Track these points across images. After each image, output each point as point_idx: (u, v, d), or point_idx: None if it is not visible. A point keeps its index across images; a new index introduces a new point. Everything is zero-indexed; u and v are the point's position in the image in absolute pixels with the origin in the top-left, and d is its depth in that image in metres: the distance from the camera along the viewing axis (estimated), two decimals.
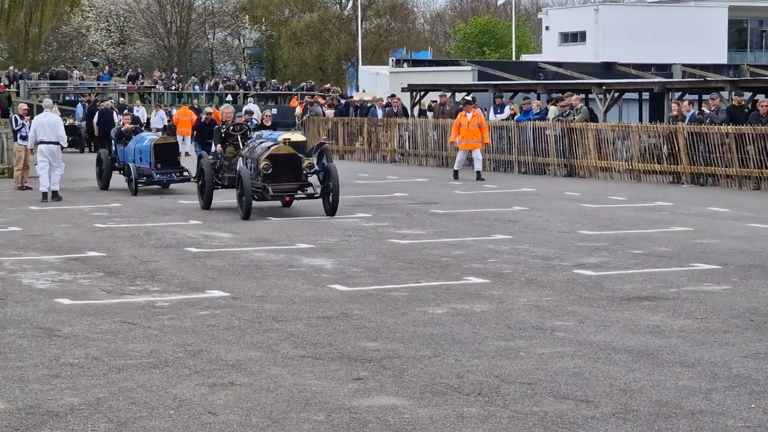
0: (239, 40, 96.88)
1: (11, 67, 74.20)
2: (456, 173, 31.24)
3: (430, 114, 40.76)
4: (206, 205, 22.48)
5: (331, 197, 21.33)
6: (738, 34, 79.58)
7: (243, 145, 22.35)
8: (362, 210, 22.34)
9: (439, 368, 9.39)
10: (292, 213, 21.62)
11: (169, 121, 53.00)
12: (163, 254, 16.25)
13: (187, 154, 37.24)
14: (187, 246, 17.18)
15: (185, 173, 26.94)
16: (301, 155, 21.89)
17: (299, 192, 21.47)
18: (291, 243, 17.55)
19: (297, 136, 28.72)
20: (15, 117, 29.41)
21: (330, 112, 44.36)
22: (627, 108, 43.04)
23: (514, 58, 74.76)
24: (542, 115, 33.89)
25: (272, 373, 9.23)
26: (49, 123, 25.23)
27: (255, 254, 16.32)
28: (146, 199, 24.90)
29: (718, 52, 67.84)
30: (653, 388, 8.69)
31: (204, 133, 29.63)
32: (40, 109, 29.98)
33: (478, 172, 30.69)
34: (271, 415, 8.02)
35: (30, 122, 26.63)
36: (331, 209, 21.20)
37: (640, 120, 39.19)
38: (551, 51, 70.92)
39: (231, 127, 23.12)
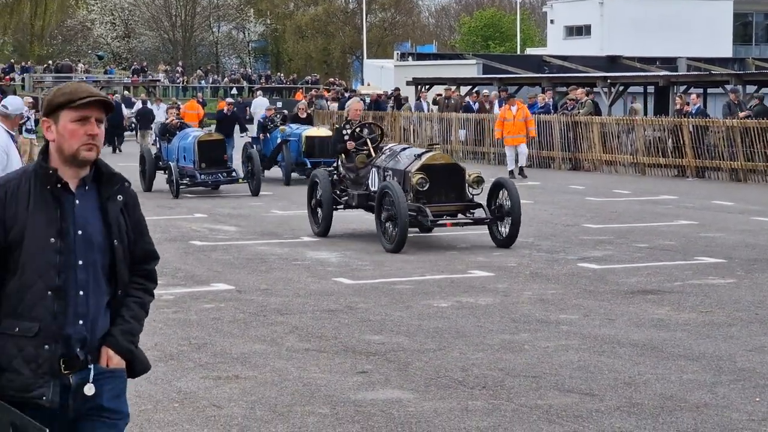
0: (244, 33, 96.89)
1: (11, 60, 74.17)
2: (512, 173, 28.31)
3: (434, 107, 40.74)
4: (324, 230, 17.39)
5: (508, 223, 16.19)
6: (743, 28, 79.47)
7: (375, 151, 17.42)
8: None
9: (444, 361, 9.39)
10: (296, 207, 21.59)
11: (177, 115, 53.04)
12: (167, 247, 16.24)
13: None
14: (192, 239, 17.19)
15: (233, 173, 24.64)
16: (462, 165, 17.05)
17: (461, 215, 16.40)
18: (296, 236, 17.56)
19: (323, 131, 27.80)
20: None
21: (334, 106, 44.36)
22: (632, 101, 42.95)
23: (518, 52, 74.71)
24: (547, 108, 33.84)
25: (277, 367, 9.23)
26: None
27: (260, 247, 16.32)
28: (149, 193, 24.89)
29: (723, 46, 67.73)
30: (658, 382, 8.69)
31: (225, 124, 28.95)
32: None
33: (521, 168, 29.15)
34: (276, 408, 8.02)
35: (35, 115, 26.80)
36: (508, 238, 16.12)
37: (645, 113, 39.13)
38: (556, 44, 70.83)
39: (359, 129, 17.85)
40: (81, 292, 4.40)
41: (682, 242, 16.61)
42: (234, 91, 67.56)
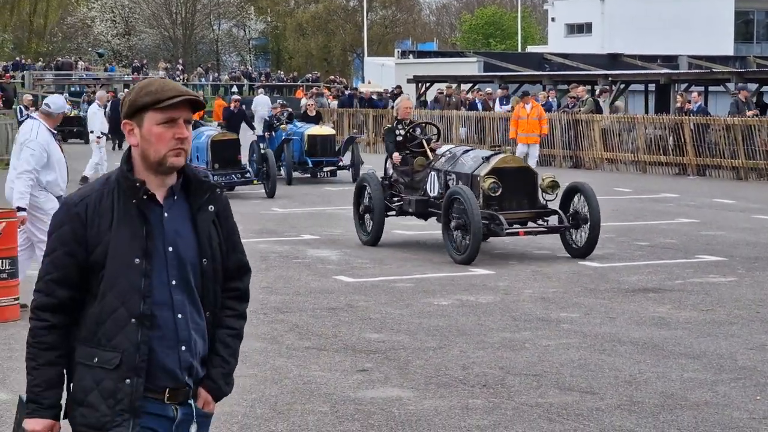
0: (244, 31, 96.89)
1: (17, 59, 74.17)
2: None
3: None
4: (374, 239, 16.21)
5: (585, 231, 15.00)
6: (744, 26, 79.45)
7: (430, 152, 16.17)
8: None
9: (444, 360, 9.38)
10: (296, 205, 21.59)
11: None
12: None
13: None
14: None
15: (247, 174, 23.79)
16: (533, 169, 15.84)
17: (531, 222, 15.22)
18: (296, 234, 17.55)
19: (326, 129, 27.52)
20: (20, 107, 29.46)
21: (333, 104, 44.35)
22: (633, 99, 42.97)
23: (519, 50, 74.70)
24: (548, 106, 33.82)
25: (277, 365, 9.22)
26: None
27: (260, 245, 16.31)
28: None
29: (724, 44, 67.71)
30: (658, 380, 8.68)
31: (232, 122, 28.54)
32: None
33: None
34: (276, 406, 8.01)
35: (34, 113, 26.86)
36: (586, 248, 14.98)
37: (646, 111, 39.11)
38: (557, 42, 70.83)
39: (412, 129, 16.62)
40: (179, 315, 3.96)
41: (683, 240, 16.60)
42: (234, 89, 67.57)
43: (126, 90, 46.63)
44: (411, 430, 7.46)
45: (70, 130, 45.15)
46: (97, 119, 26.85)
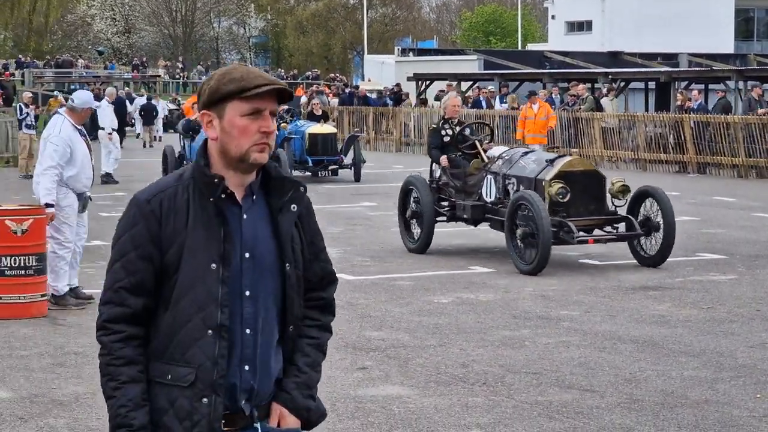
0: (244, 28, 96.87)
1: (20, 57, 74.18)
2: None
3: (437, 103, 40.73)
4: (422, 246, 15.22)
5: (657, 239, 14.13)
6: (745, 24, 79.42)
7: (484, 153, 15.16)
8: (367, 199, 22.32)
9: (444, 358, 9.37)
10: None
11: (172, 110, 52.90)
12: None
13: None
14: None
15: None
16: (601, 173, 14.72)
17: (600, 230, 14.32)
18: None
19: (327, 128, 27.05)
20: (20, 105, 29.43)
21: (334, 101, 44.35)
22: (633, 97, 42.96)
23: (520, 48, 74.68)
24: (548, 101, 33.80)
25: None
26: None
27: None
28: (141, 186, 24.85)
29: (724, 42, 67.67)
30: (659, 378, 8.67)
31: None
32: (44, 99, 30.34)
33: None
34: None
35: (35, 111, 27.00)
36: (659, 257, 14.05)
37: (646, 109, 39.11)
38: (557, 40, 70.79)
39: (462, 129, 15.54)
40: (247, 330, 3.54)
41: (683, 238, 16.58)
42: None
43: (126, 88, 45.77)
44: (411, 428, 7.45)
45: None
46: (107, 116, 26.84)
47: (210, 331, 3.49)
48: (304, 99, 46.24)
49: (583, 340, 10.03)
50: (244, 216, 3.56)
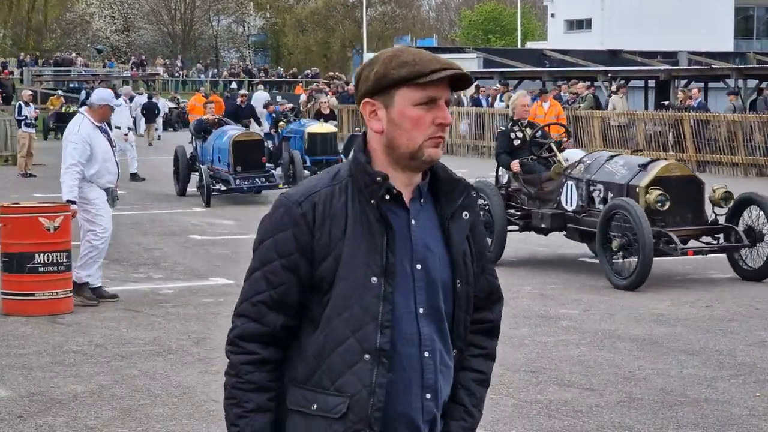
0: (244, 27, 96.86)
1: (21, 55, 74.17)
2: None
3: None
4: (494, 258, 13.53)
5: (762, 250, 13.16)
6: (744, 22, 79.43)
7: (553, 157, 14.28)
8: None
9: None
10: None
11: (172, 109, 52.92)
12: (166, 242, 16.23)
13: None
14: (191, 233, 17.16)
15: (272, 178, 21.81)
16: (699, 177, 13.63)
17: (696, 240, 13.23)
18: None
19: (327, 127, 26.01)
20: (20, 104, 29.40)
21: (333, 100, 44.31)
22: (633, 96, 42.97)
23: (519, 46, 74.68)
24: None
25: None
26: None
27: None
28: (149, 186, 24.87)
29: (724, 40, 67.70)
30: (658, 377, 8.67)
31: (240, 118, 26.91)
32: (43, 97, 30.34)
33: None
34: None
35: (35, 109, 27.06)
36: (763, 270, 12.99)
37: (646, 108, 39.11)
38: (557, 38, 70.80)
39: (535, 131, 14.53)
40: (427, 354, 3.06)
41: None
42: (234, 85, 67.58)
43: (125, 86, 45.62)
44: None
45: None
46: (123, 115, 26.73)
47: (367, 356, 3.00)
48: (303, 97, 46.29)
49: (582, 338, 10.03)
50: (413, 222, 3.07)
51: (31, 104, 29.29)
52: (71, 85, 64.71)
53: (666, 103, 33.78)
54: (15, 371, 8.91)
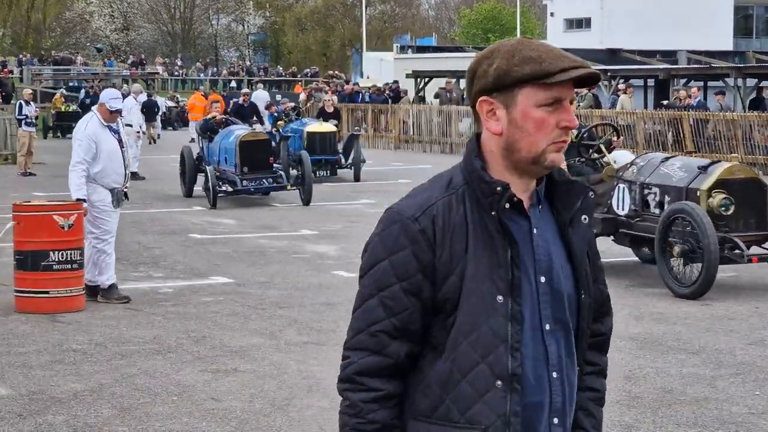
0: (243, 25, 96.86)
1: (21, 55, 74.17)
2: None
3: (436, 101, 40.75)
4: None
5: None
6: (744, 21, 79.44)
7: (602, 158, 13.77)
8: (366, 196, 22.31)
9: None
10: (291, 201, 21.53)
11: (171, 108, 52.91)
12: (166, 240, 16.24)
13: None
14: (191, 232, 17.16)
15: (280, 179, 21.17)
16: (762, 180, 12.82)
17: (758, 246, 12.46)
18: (295, 229, 17.54)
19: (326, 126, 26.05)
20: (20, 102, 29.38)
21: (333, 98, 44.30)
22: (632, 94, 42.95)
23: None
24: None
25: (276, 360, 9.21)
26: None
27: (259, 241, 16.30)
28: (149, 185, 24.86)
29: (723, 39, 67.68)
30: (657, 375, 8.67)
31: (242, 117, 26.16)
32: (43, 96, 30.33)
33: None
34: (275, 401, 8.00)
35: (36, 108, 27.16)
36: None
37: (645, 107, 39.10)
38: (556, 37, 70.76)
39: (583, 132, 13.92)
40: (555, 374, 2.81)
41: None
42: (233, 84, 67.60)
43: (125, 85, 45.58)
44: None
45: (69, 125, 45.08)
46: (134, 114, 26.66)
47: (499, 382, 2.75)
48: (302, 96, 46.29)
49: None
50: (534, 230, 2.82)
51: (32, 103, 29.28)
52: (71, 84, 64.73)
53: (665, 102, 33.81)
54: (15, 370, 8.92)
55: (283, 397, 8.10)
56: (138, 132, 26.63)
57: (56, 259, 11.17)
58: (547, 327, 2.80)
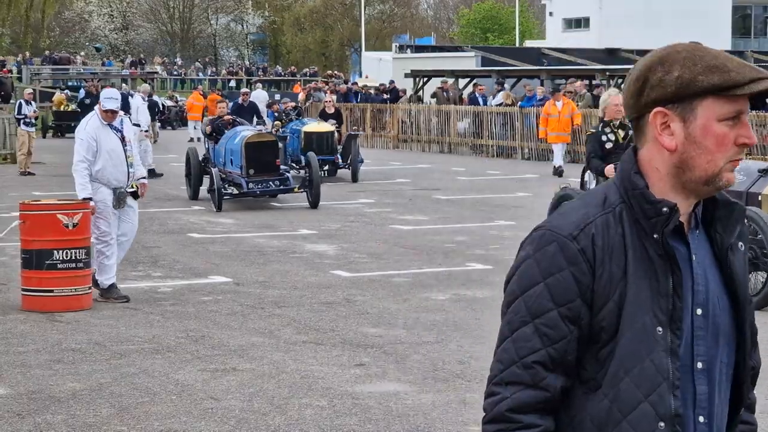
0: (242, 25, 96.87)
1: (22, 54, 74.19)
2: (560, 170, 26.37)
3: (433, 100, 40.76)
4: None
5: None
6: (742, 20, 79.49)
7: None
8: (365, 196, 22.32)
9: (442, 354, 9.38)
10: (294, 199, 21.55)
11: (170, 108, 52.89)
12: (165, 240, 16.24)
13: (198, 140, 34.62)
14: (190, 232, 17.17)
15: (288, 181, 20.53)
16: None
17: None
18: (293, 229, 17.54)
19: (324, 126, 25.70)
20: (21, 102, 29.33)
21: (332, 98, 44.33)
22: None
23: (517, 44, 74.69)
24: (545, 100, 33.82)
25: (274, 359, 9.22)
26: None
27: (257, 240, 16.31)
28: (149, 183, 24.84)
29: (722, 39, 67.70)
30: None
31: (242, 116, 25.03)
32: (42, 95, 30.36)
33: (555, 167, 26.64)
34: (274, 400, 8.01)
35: (36, 107, 27.29)
36: None
37: None
38: (555, 37, 70.85)
39: (625, 133, 12.51)
40: (701, 418, 2.57)
41: None
42: (232, 84, 67.59)
43: (124, 84, 45.54)
44: (408, 424, 7.46)
45: (68, 124, 45.07)
46: (142, 113, 26.66)
47: (662, 424, 2.50)
48: (301, 96, 46.28)
49: None
50: (693, 257, 2.56)
51: (32, 103, 29.25)
52: (70, 83, 64.68)
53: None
54: (13, 369, 8.92)
55: (282, 396, 8.10)
56: (146, 131, 26.72)
57: (61, 258, 11.20)
58: (699, 365, 2.55)
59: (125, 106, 31.00)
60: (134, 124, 26.95)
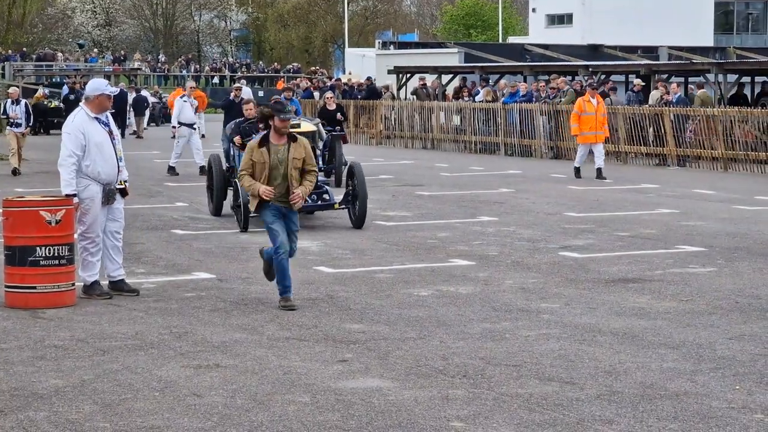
0: (225, 22, 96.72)
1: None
2: (578, 170, 25.69)
3: (412, 97, 40.76)
4: None
5: None
6: (724, 17, 79.63)
7: None
8: None
9: (425, 350, 9.38)
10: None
11: (155, 104, 52.71)
12: (149, 236, 16.21)
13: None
14: (173, 228, 17.14)
15: (326, 195, 17.43)
16: None
17: None
18: None
19: (305, 126, 20.85)
20: (5, 103, 28.78)
21: (316, 95, 44.24)
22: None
23: (500, 41, 74.71)
24: (528, 97, 33.86)
25: (257, 355, 9.22)
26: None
27: (241, 236, 16.29)
28: (131, 180, 24.77)
29: (704, 35, 67.89)
30: (638, 370, 8.70)
31: (234, 113, 23.67)
32: (25, 92, 30.22)
33: (599, 169, 25.33)
34: (257, 396, 8.01)
35: (27, 107, 27.33)
36: None
37: (628, 102, 39.15)
38: (538, 33, 70.91)
39: None
40: None
41: (663, 231, 16.64)
42: (216, 80, 67.45)
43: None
44: (391, 420, 7.47)
45: (52, 120, 44.91)
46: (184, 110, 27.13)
47: None
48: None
49: (563, 332, 10.06)
50: None
51: (23, 101, 28.43)
52: (53, 80, 64.49)
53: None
54: (13, 368, 8.89)
55: (265, 393, 8.10)
56: (175, 127, 27.21)
57: (43, 255, 11.17)
58: None
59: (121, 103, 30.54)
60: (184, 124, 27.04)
